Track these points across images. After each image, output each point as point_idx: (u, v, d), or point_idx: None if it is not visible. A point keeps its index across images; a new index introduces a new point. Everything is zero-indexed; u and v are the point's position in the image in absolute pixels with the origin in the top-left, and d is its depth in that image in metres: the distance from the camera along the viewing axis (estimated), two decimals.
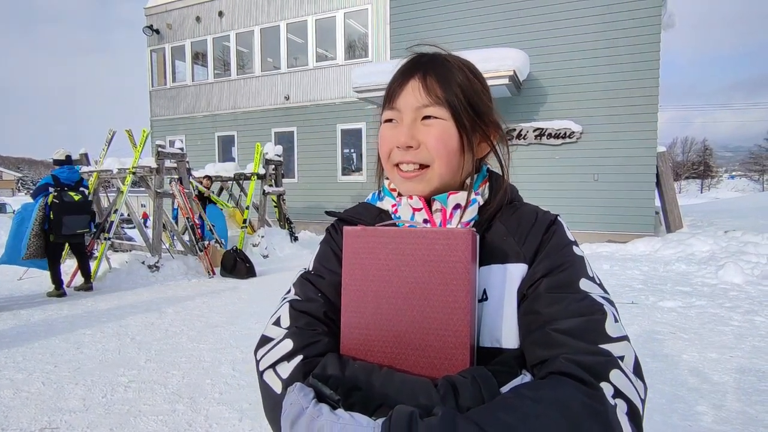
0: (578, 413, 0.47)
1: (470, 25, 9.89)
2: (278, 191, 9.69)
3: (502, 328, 0.62)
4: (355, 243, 0.61)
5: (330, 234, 0.78)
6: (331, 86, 12.07)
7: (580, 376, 0.51)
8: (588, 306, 0.58)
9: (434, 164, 0.69)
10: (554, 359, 0.54)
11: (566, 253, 0.65)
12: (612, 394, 0.50)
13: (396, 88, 0.71)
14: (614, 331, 0.56)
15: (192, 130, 14.21)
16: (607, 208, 8.97)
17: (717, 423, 2.47)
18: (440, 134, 0.68)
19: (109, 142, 7.88)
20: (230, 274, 6.85)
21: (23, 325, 4.41)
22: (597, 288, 0.62)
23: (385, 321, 0.59)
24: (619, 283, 5.90)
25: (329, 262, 0.73)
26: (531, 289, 0.62)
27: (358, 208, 0.81)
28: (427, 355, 0.57)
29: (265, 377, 0.62)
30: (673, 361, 3.36)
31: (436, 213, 0.70)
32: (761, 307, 4.64)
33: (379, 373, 0.56)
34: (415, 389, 0.53)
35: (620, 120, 8.81)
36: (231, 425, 2.52)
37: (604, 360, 0.53)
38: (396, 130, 0.70)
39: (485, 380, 0.52)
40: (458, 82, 0.70)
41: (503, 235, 0.68)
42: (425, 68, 0.70)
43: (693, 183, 66.21)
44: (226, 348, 3.76)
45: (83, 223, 5.58)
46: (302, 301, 0.69)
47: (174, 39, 14.36)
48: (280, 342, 0.63)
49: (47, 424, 2.55)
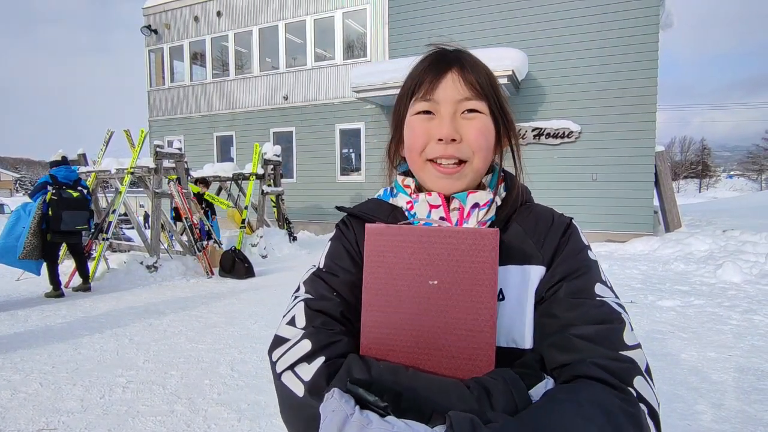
0: (618, 415, 0.48)
1: (469, 25, 9.89)
2: (277, 191, 9.68)
3: (520, 328, 0.63)
4: (378, 241, 0.60)
5: (341, 230, 0.75)
6: (330, 86, 12.07)
7: (610, 381, 0.52)
8: (608, 313, 0.59)
9: (473, 159, 0.67)
10: (580, 363, 0.55)
11: (582, 258, 0.66)
12: (636, 399, 0.52)
13: (430, 80, 0.67)
14: (630, 340, 0.57)
15: (190, 131, 14.20)
16: (605, 208, 8.98)
17: (716, 422, 2.47)
18: (483, 128, 0.67)
19: (107, 143, 7.86)
20: (229, 274, 6.84)
21: (21, 326, 4.40)
22: (609, 292, 0.63)
23: (408, 321, 0.58)
24: (618, 282, 5.90)
25: (342, 260, 0.71)
26: (549, 292, 0.63)
27: (369, 204, 0.78)
28: (450, 356, 0.57)
29: (283, 379, 0.59)
30: (672, 360, 3.36)
31: (453, 211, 0.69)
32: (760, 306, 4.64)
33: (405, 375, 0.55)
34: (447, 391, 0.52)
35: (619, 120, 8.82)
36: (230, 425, 2.51)
37: (629, 367, 0.54)
38: (433, 123, 0.67)
39: (515, 383, 0.52)
40: (490, 78, 0.70)
41: (521, 236, 0.68)
42: (460, 62, 0.68)
43: (691, 182, 66.32)
44: (225, 348, 3.75)
45: (82, 219, 5.56)
46: (317, 300, 0.66)
47: (172, 39, 14.34)
48: (297, 342, 0.61)
49: (45, 425, 2.54)
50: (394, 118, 0.76)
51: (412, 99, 0.70)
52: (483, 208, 0.68)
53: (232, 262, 6.86)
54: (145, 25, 14.63)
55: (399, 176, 0.77)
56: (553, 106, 9.36)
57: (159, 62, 14.79)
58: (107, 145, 7.85)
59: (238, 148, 13.37)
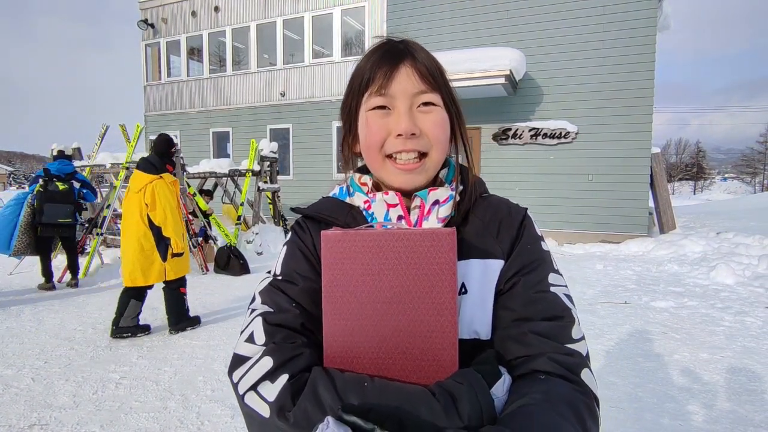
0: (581, 409, 0.53)
1: (467, 24, 9.89)
2: (273, 188, 9.65)
3: (481, 321, 0.64)
4: (335, 248, 0.58)
5: (297, 233, 0.72)
6: (327, 83, 12.03)
7: (566, 376, 0.57)
8: (560, 310, 0.63)
9: (432, 152, 0.67)
10: (537, 358, 0.59)
11: (537, 250, 0.68)
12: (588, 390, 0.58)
13: (384, 73, 0.66)
14: (577, 334, 0.62)
15: (187, 126, 14.12)
16: (601, 209, 9.01)
17: (707, 422, 2.49)
18: (441, 120, 0.67)
19: (102, 137, 7.81)
20: (224, 270, 6.82)
21: (13, 321, 4.36)
22: (561, 279, 0.67)
23: (370, 327, 0.57)
24: (612, 283, 5.93)
25: (300, 266, 0.68)
26: (507, 285, 0.65)
27: (325, 203, 0.74)
28: (414, 357, 0.57)
29: (246, 400, 0.57)
30: (664, 360, 3.38)
31: (414, 210, 0.68)
32: (752, 308, 4.68)
33: (372, 385, 0.54)
34: (415, 401, 0.52)
35: (615, 121, 8.85)
36: (223, 422, 2.51)
37: (578, 361, 0.59)
38: (391, 118, 0.66)
39: (479, 385, 0.53)
40: (441, 70, 0.69)
41: (481, 230, 0.69)
42: (411, 54, 0.67)
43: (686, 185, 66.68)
44: (219, 345, 3.74)
45: (64, 212, 5.48)
46: (275, 313, 0.63)
47: (169, 34, 14.24)
48: (258, 360, 0.58)
49: (37, 420, 2.52)
50: (344, 116, 0.74)
51: (365, 94, 0.68)
52: (443, 205, 0.67)
53: (227, 259, 6.84)
54: (142, 20, 14.51)
55: (355, 174, 0.75)
56: (551, 107, 9.37)
57: (155, 57, 14.69)
58: (102, 139, 7.80)
59: (235, 145, 13.31)
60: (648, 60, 8.59)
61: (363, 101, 0.69)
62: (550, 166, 9.34)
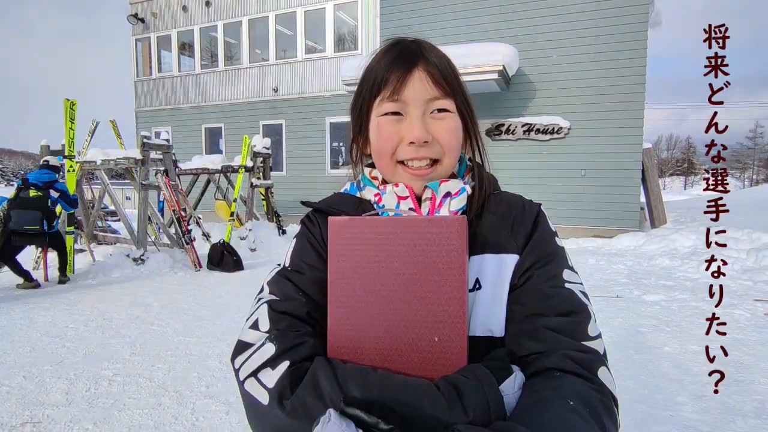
0: (598, 408, 0.51)
1: (460, 19, 9.87)
2: (266, 184, 9.61)
3: (496, 317, 0.62)
4: (342, 234, 0.57)
5: (306, 226, 0.72)
6: (320, 79, 11.97)
7: (582, 373, 0.54)
8: (576, 305, 0.61)
9: (444, 159, 0.67)
10: (551, 354, 0.56)
11: (552, 245, 0.66)
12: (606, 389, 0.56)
13: (397, 78, 0.64)
14: (593, 331, 0.60)
15: (178, 122, 13.99)
16: (593, 204, 9.08)
17: (697, 413, 2.53)
18: (454, 127, 0.66)
19: (92, 133, 7.72)
20: (217, 267, 6.79)
21: (4, 319, 4.32)
22: (576, 276, 0.65)
23: (376, 316, 0.55)
24: (604, 277, 5.99)
25: (308, 257, 0.68)
26: (521, 280, 0.63)
27: (336, 198, 0.75)
28: (420, 349, 0.54)
29: (246, 386, 0.57)
30: (655, 353, 3.43)
31: (425, 201, 0.68)
32: (740, 301, 4.75)
33: (374, 377, 0.53)
34: (418, 394, 0.50)
35: (608, 116, 8.90)
36: (218, 418, 2.51)
37: (594, 358, 0.57)
38: (403, 125, 0.65)
39: (486, 380, 0.51)
40: (455, 72, 0.68)
41: (495, 225, 0.67)
42: (425, 57, 0.66)
43: (677, 180, 67.34)
44: (213, 341, 3.73)
45: (33, 219, 5.39)
46: (281, 301, 0.63)
47: (160, 28, 14.09)
48: (260, 347, 0.58)
49: (29, 418, 2.50)
50: (355, 118, 0.73)
51: (377, 98, 0.67)
52: (455, 197, 0.67)
53: (220, 255, 6.81)
54: (132, 14, 14.34)
55: (366, 168, 0.75)
56: (544, 102, 9.40)
57: (146, 52, 14.53)
58: (92, 135, 7.71)
59: (227, 140, 13.23)
60: (639, 56, 8.65)
61: (375, 105, 0.68)
62: (543, 161, 9.38)
